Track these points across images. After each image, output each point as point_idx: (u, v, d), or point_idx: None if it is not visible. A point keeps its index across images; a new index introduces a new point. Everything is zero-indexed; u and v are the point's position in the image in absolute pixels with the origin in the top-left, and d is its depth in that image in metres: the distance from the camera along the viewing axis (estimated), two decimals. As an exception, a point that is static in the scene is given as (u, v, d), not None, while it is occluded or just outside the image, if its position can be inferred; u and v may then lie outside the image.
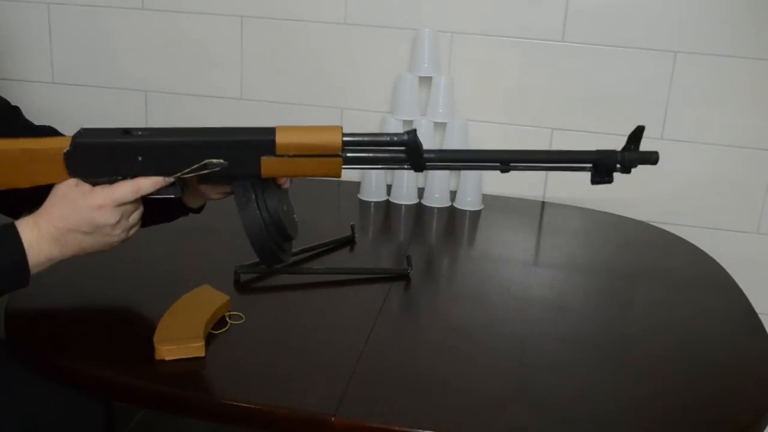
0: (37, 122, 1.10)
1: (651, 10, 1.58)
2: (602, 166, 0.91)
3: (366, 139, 0.90)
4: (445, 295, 1.24)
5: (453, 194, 1.63)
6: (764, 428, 0.90)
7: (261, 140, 0.87)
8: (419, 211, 1.60)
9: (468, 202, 1.60)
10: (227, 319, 1.02)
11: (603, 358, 1.02)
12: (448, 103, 1.64)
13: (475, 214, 1.59)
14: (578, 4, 1.60)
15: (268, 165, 0.88)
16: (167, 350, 0.92)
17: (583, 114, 1.65)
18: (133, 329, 1.02)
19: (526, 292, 1.20)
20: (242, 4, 1.71)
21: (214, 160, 0.88)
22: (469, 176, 1.59)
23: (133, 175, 0.90)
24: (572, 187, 1.67)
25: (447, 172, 1.61)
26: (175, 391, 0.89)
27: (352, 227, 1.36)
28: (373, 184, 1.62)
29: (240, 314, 1.03)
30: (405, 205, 1.61)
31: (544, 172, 1.69)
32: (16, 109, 1.11)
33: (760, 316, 1.14)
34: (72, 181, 0.91)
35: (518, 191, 1.70)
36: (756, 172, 1.63)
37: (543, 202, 1.69)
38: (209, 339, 0.96)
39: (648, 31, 1.59)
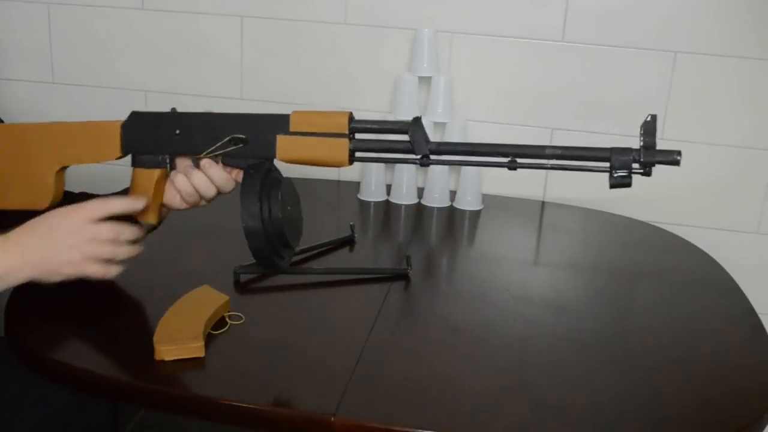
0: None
1: (651, 10, 1.58)
2: (618, 166, 0.86)
3: (372, 125, 0.97)
4: (444, 295, 1.24)
5: (453, 194, 1.63)
6: (764, 428, 0.90)
7: (279, 117, 0.97)
8: (419, 211, 1.60)
9: (468, 202, 1.60)
10: (227, 319, 1.02)
11: (603, 357, 1.02)
12: (448, 103, 1.64)
13: (475, 214, 1.59)
14: (578, 4, 1.60)
15: (283, 144, 0.96)
16: (167, 350, 0.92)
17: (583, 114, 1.65)
18: (133, 329, 1.02)
19: (526, 292, 1.20)
20: (242, 4, 1.71)
21: (238, 136, 0.96)
22: (469, 176, 1.59)
23: (172, 151, 0.99)
24: (572, 187, 1.67)
25: (447, 170, 1.61)
26: (175, 391, 0.89)
27: (352, 227, 1.36)
28: (373, 184, 1.62)
29: (240, 314, 1.03)
30: (405, 205, 1.61)
31: (544, 171, 1.69)
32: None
33: (760, 316, 1.14)
34: None
35: (518, 191, 1.70)
36: (756, 172, 1.63)
37: (543, 202, 1.69)
38: (209, 339, 0.96)
39: (648, 31, 1.59)
